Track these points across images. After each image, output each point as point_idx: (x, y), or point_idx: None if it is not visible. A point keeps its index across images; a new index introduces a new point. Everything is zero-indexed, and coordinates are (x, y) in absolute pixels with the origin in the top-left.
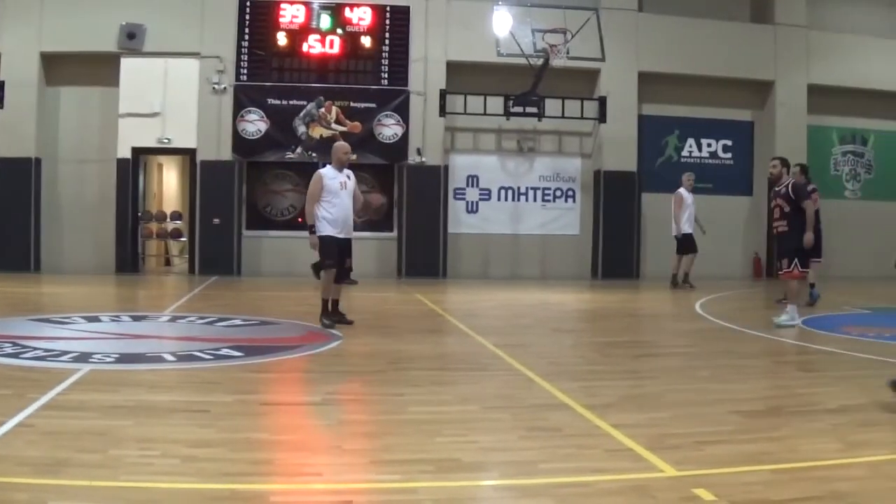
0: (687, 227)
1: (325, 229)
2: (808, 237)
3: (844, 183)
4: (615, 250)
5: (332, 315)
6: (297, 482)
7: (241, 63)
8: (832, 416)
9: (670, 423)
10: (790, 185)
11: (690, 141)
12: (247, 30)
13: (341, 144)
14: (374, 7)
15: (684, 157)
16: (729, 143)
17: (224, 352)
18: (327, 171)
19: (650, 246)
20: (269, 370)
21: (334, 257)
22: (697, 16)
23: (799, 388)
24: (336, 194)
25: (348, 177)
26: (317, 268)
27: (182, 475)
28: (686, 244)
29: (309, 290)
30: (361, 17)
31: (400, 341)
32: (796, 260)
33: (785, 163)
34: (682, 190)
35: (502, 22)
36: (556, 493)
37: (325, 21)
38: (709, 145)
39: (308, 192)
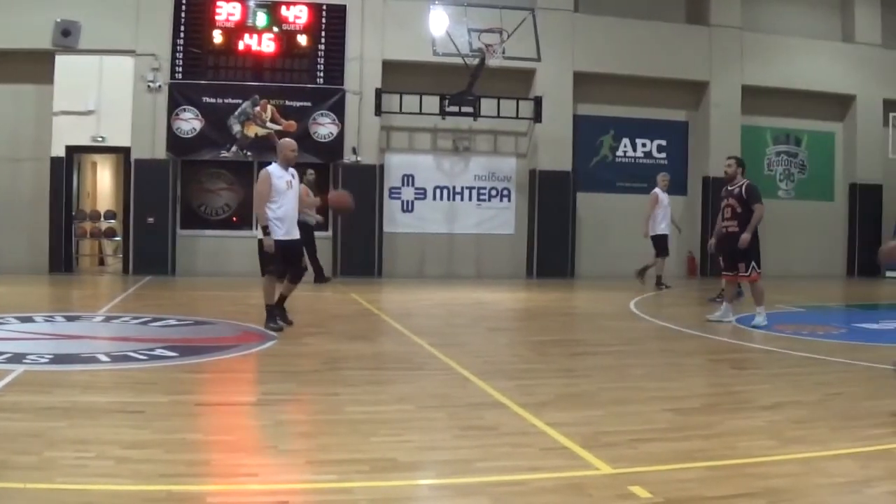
0: (663, 228)
1: (270, 233)
2: (745, 238)
3: (778, 183)
4: (550, 249)
5: (278, 316)
6: (233, 483)
7: (177, 61)
8: (767, 413)
9: (605, 421)
10: (745, 187)
11: (625, 141)
12: (182, 27)
13: (288, 142)
14: (310, 5)
15: (619, 156)
16: (663, 142)
17: (159, 352)
18: (274, 170)
19: (585, 245)
20: (204, 370)
21: (278, 263)
22: (633, 16)
23: (734, 385)
24: (283, 194)
25: (293, 175)
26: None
27: (117, 477)
28: (660, 245)
29: (243, 290)
30: (297, 15)
31: (336, 341)
32: (753, 263)
33: (740, 163)
34: (657, 190)
35: (438, 21)
36: (491, 492)
37: (261, 19)
38: (643, 145)
39: (257, 192)
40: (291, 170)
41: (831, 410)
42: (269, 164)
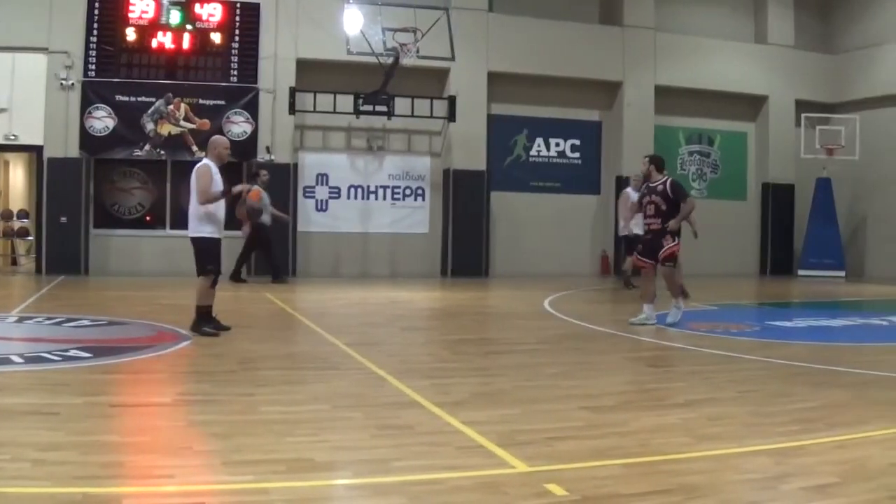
0: (637, 228)
1: (208, 230)
2: (675, 223)
3: (691, 182)
4: (464, 249)
5: (210, 322)
6: (149, 484)
7: (90, 59)
8: (681, 410)
9: (521, 419)
10: (668, 184)
11: (539, 140)
12: (95, 25)
13: (222, 139)
14: (224, 3)
15: (533, 156)
16: (577, 142)
17: (73, 353)
18: (212, 165)
19: (499, 245)
20: (118, 371)
21: (218, 262)
22: (547, 17)
23: (648, 383)
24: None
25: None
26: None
27: (33, 479)
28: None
29: (156, 290)
30: (211, 13)
31: (250, 341)
32: (671, 237)
33: (654, 160)
34: (628, 189)
35: (353, 20)
36: (408, 491)
37: (175, 17)
38: (557, 145)
39: (200, 187)
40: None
41: (745, 407)
42: (196, 162)
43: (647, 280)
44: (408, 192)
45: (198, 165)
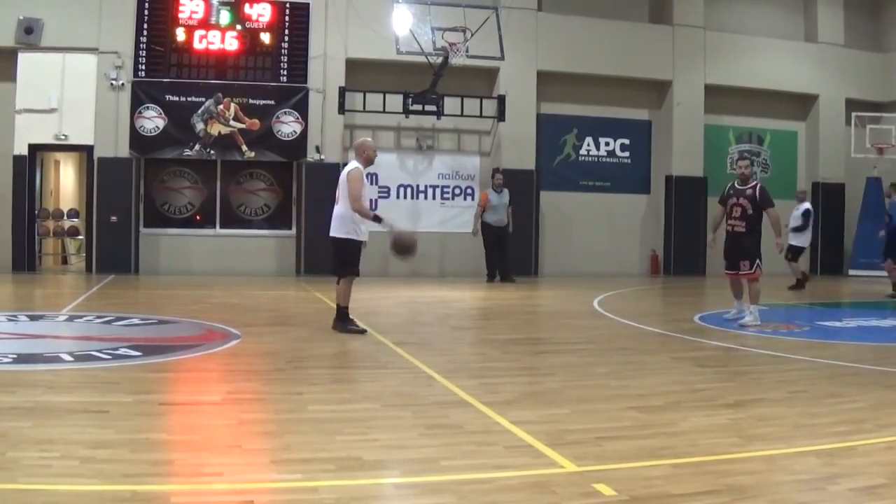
0: None
1: (355, 233)
2: (780, 241)
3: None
4: (514, 248)
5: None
6: (198, 482)
7: (139, 59)
8: (730, 410)
9: (570, 419)
10: (758, 189)
11: (588, 140)
12: (145, 25)
13: (370, 141)
14: (273, 3)
15: (582, 155)
16: (626, 141)
17: (122, 351)
18: (362, 169)
19: (548, 244)
20: (167, 370)
21: (357, 264)
22: (596, 16)
23: (697, 383)
24: (365, 195)
25: None
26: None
27: (82, 477)
28: None
29: (206, 289)
30: (261, 13)
31: (299, 340)
32: (758, 261)
33: (754, 163)
34: None
35: (402, 19)
36: (457, 490)
37: (225, 17)
38: (607, 144)
39: (351, 192)
40: None
41: (795, 408)
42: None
43: (734, 283)
44: (457, 191)
45: (350, 169)
